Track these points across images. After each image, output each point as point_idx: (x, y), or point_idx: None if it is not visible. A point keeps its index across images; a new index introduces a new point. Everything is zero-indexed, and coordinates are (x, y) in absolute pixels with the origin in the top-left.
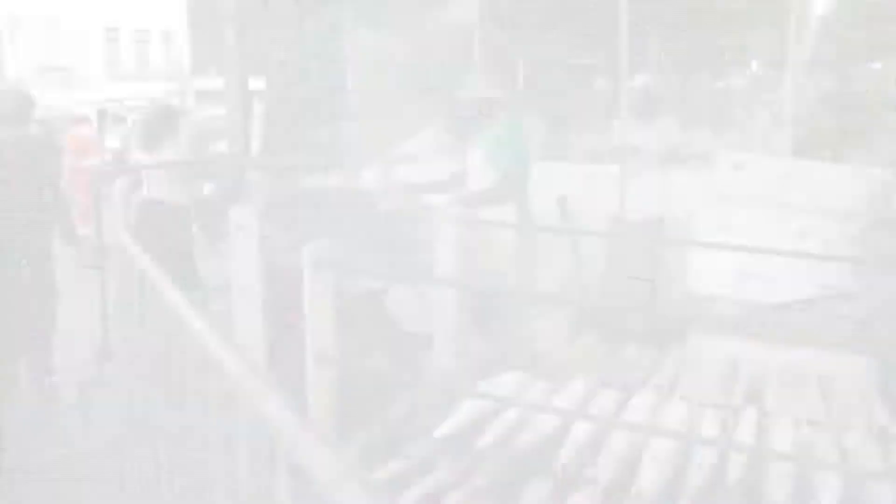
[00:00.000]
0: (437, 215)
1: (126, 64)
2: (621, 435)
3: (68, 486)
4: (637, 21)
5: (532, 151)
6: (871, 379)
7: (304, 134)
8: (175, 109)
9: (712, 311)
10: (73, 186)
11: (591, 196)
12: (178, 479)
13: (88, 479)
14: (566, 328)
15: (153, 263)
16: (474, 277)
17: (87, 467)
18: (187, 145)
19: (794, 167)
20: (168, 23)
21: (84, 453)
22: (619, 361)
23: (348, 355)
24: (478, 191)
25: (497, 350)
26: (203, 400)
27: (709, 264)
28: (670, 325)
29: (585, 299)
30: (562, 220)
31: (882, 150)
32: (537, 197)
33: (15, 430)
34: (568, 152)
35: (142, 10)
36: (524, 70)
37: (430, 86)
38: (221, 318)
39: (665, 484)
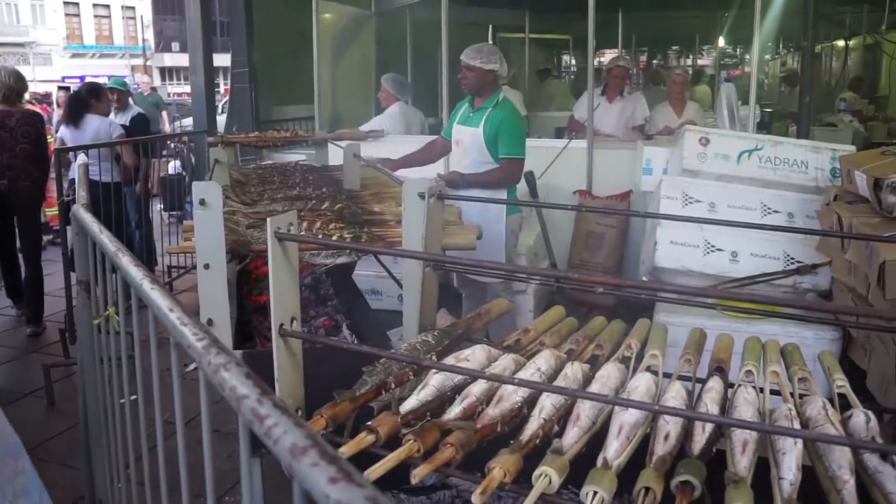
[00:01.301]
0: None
1: (87, 40)
2: (587, 406)
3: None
4: None
5: None
6: (831, 348)
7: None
8: (99, 86)
9: (679, 284)
10: None
11: (558, 171)
12: (142, 453)
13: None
14: (533, 301)
15: (111, 240)
16: (442, 252)
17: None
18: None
19: (758, 142)
20: None
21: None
22: (586, 334)
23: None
24: (484, 174)
25: (464, 324)
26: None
27: (675, 238)
28: (637, 297)
29: (552, 272)
30: (529, 194)
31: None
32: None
33: None
34: (536, 127)
35: None
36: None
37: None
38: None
39: (630, 453)
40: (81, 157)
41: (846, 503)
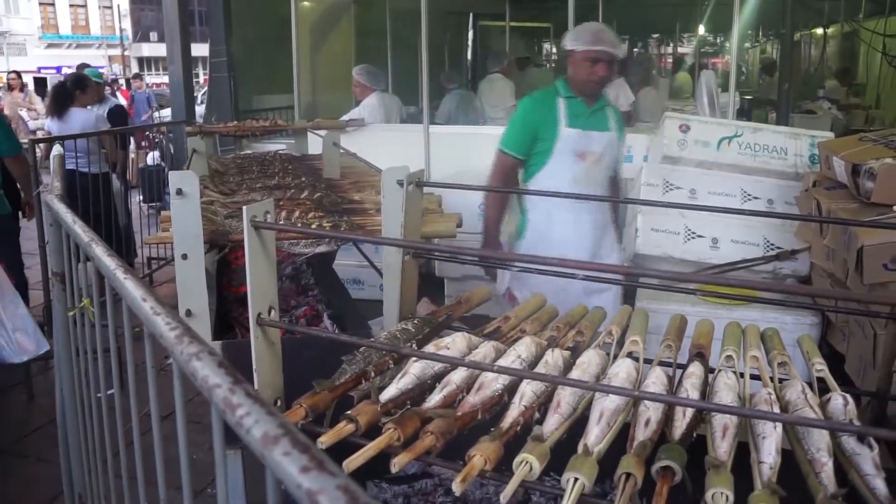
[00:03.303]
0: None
1: (63, 29)
2: (568, 393)
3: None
4: None
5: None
6: (811, 333)
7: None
8: (85, 78)
9: (659, 269)
10: None
11: None
12: (120, 448)
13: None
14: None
15: (85, 230)
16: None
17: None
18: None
19: (738, 129)
20: None
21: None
22: (567, 321)
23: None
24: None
25: (444, 312)
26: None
27: (656, 224)
28: (618, 284)
29: (532, 258)
30: None
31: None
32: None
33: None
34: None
35: None
36: (474, 34)
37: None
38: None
39: (611, 439)
40: (57, 149)
41: (824, 485)
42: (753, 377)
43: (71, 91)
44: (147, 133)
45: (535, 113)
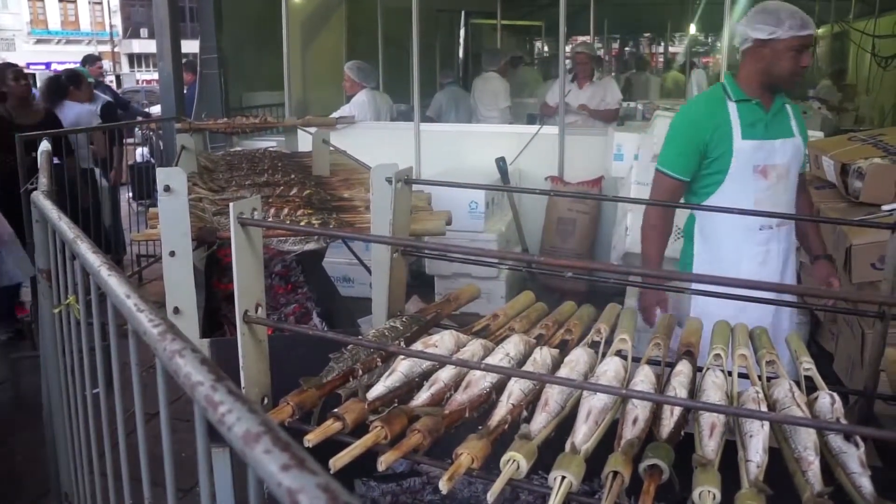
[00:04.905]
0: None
1: (52, 25)
2: (556, 391)
3: None
4: None
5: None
6: (800, 332)
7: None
8: (79, 74)
9: (651, 269)
10: None
11: (530, 157)
12: (107, 447)
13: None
14: (503, 286)
15: (70, 226)
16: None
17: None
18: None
19: None
20: None
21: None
22: (556, 319)
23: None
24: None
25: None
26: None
27: None
28: (607, 282)
29: (520, 256)
30: (501, 180)
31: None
32: (477, 157)
33: None
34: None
35: None
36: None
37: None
38: None
39: (599, 438)
40: (45, 144)
41: (811, 483)
42: (741, 376)
43: (65, 85)
44: (137, 129)
45: (702, 125)
